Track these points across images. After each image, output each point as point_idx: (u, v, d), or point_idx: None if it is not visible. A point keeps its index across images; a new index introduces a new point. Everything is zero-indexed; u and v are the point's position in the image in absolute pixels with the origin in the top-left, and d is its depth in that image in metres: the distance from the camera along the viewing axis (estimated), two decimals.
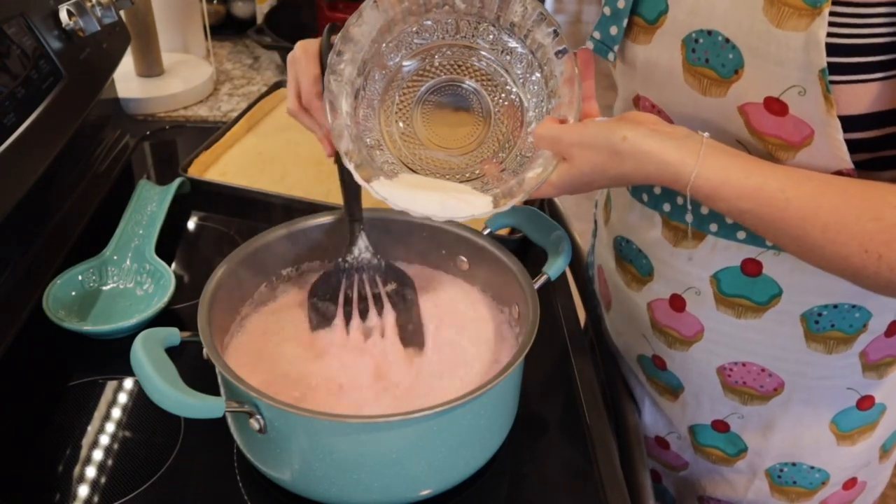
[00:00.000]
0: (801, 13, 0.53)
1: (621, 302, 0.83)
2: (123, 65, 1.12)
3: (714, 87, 0.61)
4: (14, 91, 0.79)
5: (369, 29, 0.66)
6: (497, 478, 0.70)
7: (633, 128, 0.58)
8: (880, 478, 0.84)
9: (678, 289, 0.74)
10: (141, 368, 0.56)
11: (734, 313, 0.71)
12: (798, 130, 0.58)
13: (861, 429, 0.76)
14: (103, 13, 0.98)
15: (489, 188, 0.69)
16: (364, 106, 0.69)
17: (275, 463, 0.64)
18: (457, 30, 0.68)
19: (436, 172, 0.71)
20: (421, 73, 0.69)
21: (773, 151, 0.60)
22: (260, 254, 0.76)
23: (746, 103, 0.59)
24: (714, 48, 0.59)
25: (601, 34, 0.68)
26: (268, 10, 1.56)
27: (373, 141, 0.70)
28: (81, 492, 0.67)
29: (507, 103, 0.70)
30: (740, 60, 0.58)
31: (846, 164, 0.58)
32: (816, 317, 0.68)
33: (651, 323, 0.78)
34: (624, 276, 0.81)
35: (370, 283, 0.77)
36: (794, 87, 0.56)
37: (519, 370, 0.67)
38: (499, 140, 0.70)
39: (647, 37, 0.65)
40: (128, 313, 0.84)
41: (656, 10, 0.63)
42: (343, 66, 0.66)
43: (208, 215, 1.06)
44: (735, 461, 0.80)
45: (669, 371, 0.80)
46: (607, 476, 0.70)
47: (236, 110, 1.31)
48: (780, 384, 0.73)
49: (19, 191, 0.76)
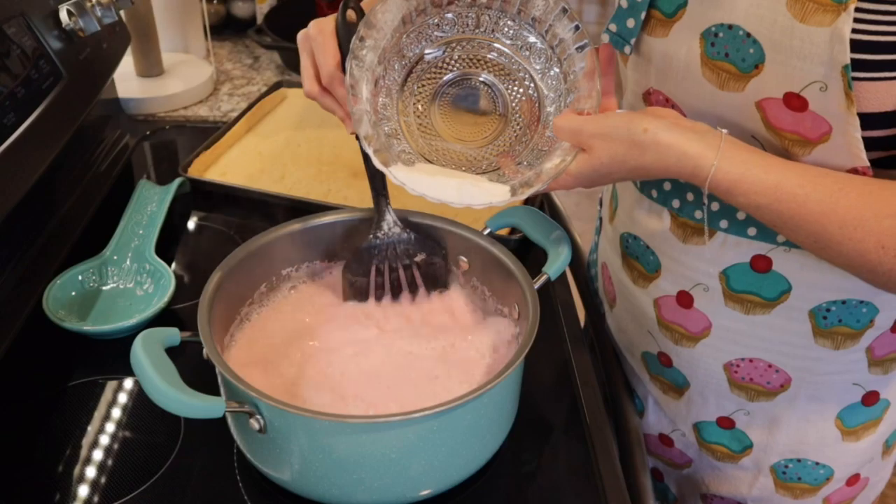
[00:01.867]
0: (827, 9, 0.53)
1: (626, 299, 0.83)
2: (123, 65, 1.12)
3: (732, 82, 0.61)
4: (14, 91, 0.79)
5: (392, 17, 0.66)
6: (497, 478, 0.70)
7: (654, 120, 0.58)
8: (882, 474, 0.84)
9: (686, 285, 0.73)
10: (141, 368, 0.56)
11: (742, 309, 0.71)
12: (816, 127, 0.58)
13: (865, 424, 0.76)
14: (103, 13, 0.98)
15: (505, 180, 0.69)
16: (383, 95, 0.70)
17: (275, 463, 0.64)
18: (477, 24, 0.68)
19: (452, 164, 0.72)
20: (440, 65, 0.70)
21: (790, 147, 0.60)
22: (260, 254, 0.75)
23: (765, 98, 0.59)
24: (734, 42, 0.59)
25: (617, 27, 0.68)
26: (268, 10, 1.56)
27: (390, 129, 0.71)
28: (81, 492, 0.67)
29: (524, 98, 0.70)
30: (761, 55, 0.58)
31: (862, 162, 0.58)
32: (825, 312, 0.68)
33: (657, 319, 0.78)
34: (630, 272, 0.80)
35: (401, 257, 0.78)
36: (815, 83, 0.56)
37: (519, 370, 0.67)
38: (516, 134, 0.71)
39: (665, 30, 0.64)
40: (128, 313, 0.84)
41: (675, 3, 0.63)
42: (365, 53, 0.66)
43: (208, 215, 1.06)
44: (740, 458, 0.80)
45: (675, 368, 0.80)
46: (607, 476, 0.70)
47: (236, 110, 1.31)
48: (787, 380, 0.73)
49: (19, 191, 0.76)
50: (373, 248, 0.77)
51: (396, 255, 0.78)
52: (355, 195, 1.05)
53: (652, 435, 0.88)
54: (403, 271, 0.78)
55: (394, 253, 0.78)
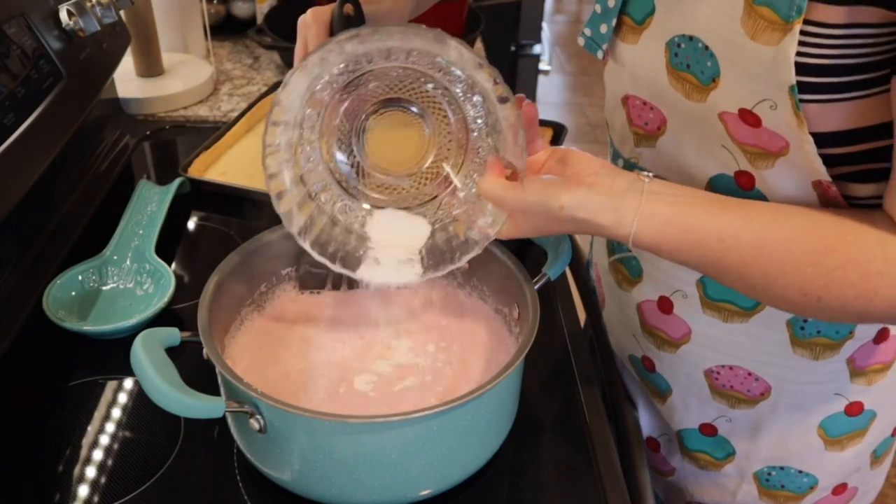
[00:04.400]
0: (775, 27, 0.52)
1: (614, 301, 0.84)
2: (123, 65, 1.12)
3: (695, 93, 0.61)
4: (14, 91, 0.79)
5: (298, 91, 0.63)
6: (497, 478, 0.70)
7: (570, 194, 0.58)
8: (872, 484, 0.83)
9: (666, 291, 0.74)
10: (141, 368, 0.56)
11: (721, 317, 0.71)
12: (773, 141, 0.58)
13: (850, 434, 0.75)
14: (103, 13, 0.98)
15: (444, 216, 0.69)
16: (305, 146, 0.68)
17: (275, 463, 0.64)
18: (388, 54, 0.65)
19: (389, 200, 0.71)
20: (358, 100, 0.67)
21: (753, 160, 0.60)
22: (260, 254, 0.75)
23: (724, 112, 0.59)
24: (694, 54, 0.59)
25: (591, 31, 0.69)
26: (268, 10, 1.56)
27: (319, 184, 0.69)
28: (81, 492, 0.67)
29: (451, 121, 0.68)
30: (717, 69, 0.58)
31: (823, 177, 0.57)
32: (802, 322, 0.68)
33: (641, 324, 0.78)
34: (616, 275, 0.81)
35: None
36: (765, 101, 0.55)
37: (519, 370, 0.67)
38: (446, 159, 0.69)
39: (635, 37, 0.65)
40: (128, 313, 0.84)
41: (643, 10, 0.63)
42: (278, 140, 0.64)
43: (208, 215, 1.06)
44: (723, 465, 0.80)
45: (658, 373, 0.80)
46: (607, 476, 0.70)
47: (236, 110, 1.31)
48: (767, 388, 0.73)
49: (19, 191, 0.76)
50: None
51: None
52: None
53: None
54: None
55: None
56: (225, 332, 0.72)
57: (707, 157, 0.64)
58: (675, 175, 0.67)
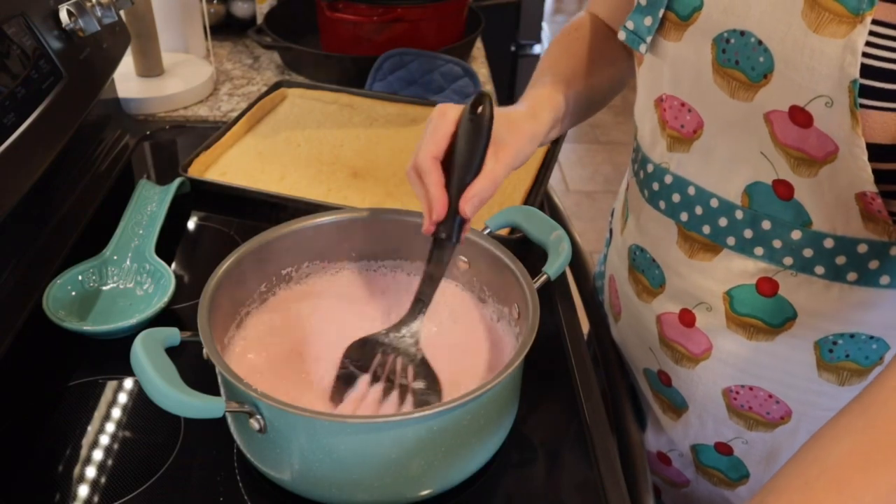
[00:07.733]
0: (842, 20, 0.51)
1: (631, 313, 0.82)
2: (123, 65, 1.12)
3: (742, 91, 0.59)
4: (14, 91, 0.79)
5: None
6: (497, 478, 0.70)
7: None
8: None
9: (689, 303, 0.72)
10: (141, 368, 0.56)
11: (745, 334, 0.69)
12: (821, 145, 0.56)
13: None
14: (103, 13, 0.98)
15: None
16: None
17: (275, 463, 0.64)
18: None
19: None
20: None
21: (795, 167, 0.58)
22: (260, 254, 0.75)
23: (772, 111, 0.58)
24: (745, 50, 0.57)
25: (634, 24, 0.66)
26: (268, 10, 1.55)
27: None
28: (81, 492, 0.67)
29: None
30: (771, 64, 0.56)
31: (870, 187, 0.56)
32: (831, 345, 0.65)
33: (659, 336, 0.77)
34: (635, 286, 0.79)
35: (401, 372, 0.69)
36: (821, 97, 0.54)
37: (519, 370, 0.67)
38: None
39: (679, 33, 0.63)
40: (128, 313, 0.84)
41: (690, 6, 0.61)
42: None
43: (208, 215, 1.06)
44: (736, 486, 0.78)
45: (674, 388, 0.78)
46: (607, 476, 0.70)
47: (236, 110, 1.31)
48: (788, 413, 0.71)
49: (19, 191, 0.76)
50: (378, 343, 0.70)
51: (396, 367, 0.69)
52: (355, 195, 1.05)
53: (651, 452, 0.87)
54: (399, 390, 0.68)
55: (394, 363, 0.69)
56: (225, 332, 0.72)
57: (743, 164, 0.62)
58: (709, 181, 0.65)
